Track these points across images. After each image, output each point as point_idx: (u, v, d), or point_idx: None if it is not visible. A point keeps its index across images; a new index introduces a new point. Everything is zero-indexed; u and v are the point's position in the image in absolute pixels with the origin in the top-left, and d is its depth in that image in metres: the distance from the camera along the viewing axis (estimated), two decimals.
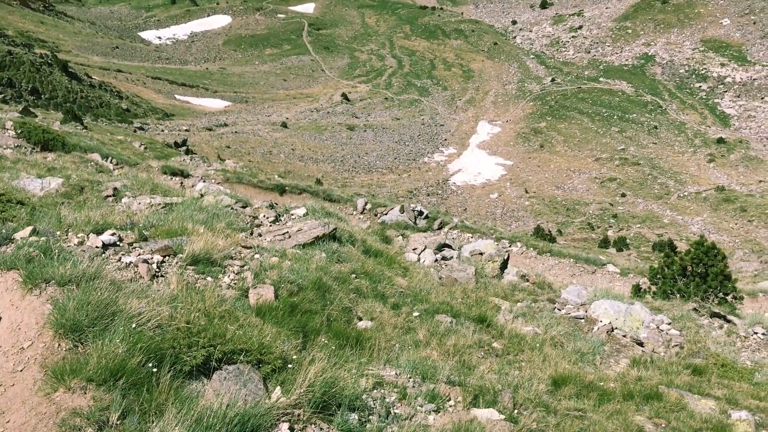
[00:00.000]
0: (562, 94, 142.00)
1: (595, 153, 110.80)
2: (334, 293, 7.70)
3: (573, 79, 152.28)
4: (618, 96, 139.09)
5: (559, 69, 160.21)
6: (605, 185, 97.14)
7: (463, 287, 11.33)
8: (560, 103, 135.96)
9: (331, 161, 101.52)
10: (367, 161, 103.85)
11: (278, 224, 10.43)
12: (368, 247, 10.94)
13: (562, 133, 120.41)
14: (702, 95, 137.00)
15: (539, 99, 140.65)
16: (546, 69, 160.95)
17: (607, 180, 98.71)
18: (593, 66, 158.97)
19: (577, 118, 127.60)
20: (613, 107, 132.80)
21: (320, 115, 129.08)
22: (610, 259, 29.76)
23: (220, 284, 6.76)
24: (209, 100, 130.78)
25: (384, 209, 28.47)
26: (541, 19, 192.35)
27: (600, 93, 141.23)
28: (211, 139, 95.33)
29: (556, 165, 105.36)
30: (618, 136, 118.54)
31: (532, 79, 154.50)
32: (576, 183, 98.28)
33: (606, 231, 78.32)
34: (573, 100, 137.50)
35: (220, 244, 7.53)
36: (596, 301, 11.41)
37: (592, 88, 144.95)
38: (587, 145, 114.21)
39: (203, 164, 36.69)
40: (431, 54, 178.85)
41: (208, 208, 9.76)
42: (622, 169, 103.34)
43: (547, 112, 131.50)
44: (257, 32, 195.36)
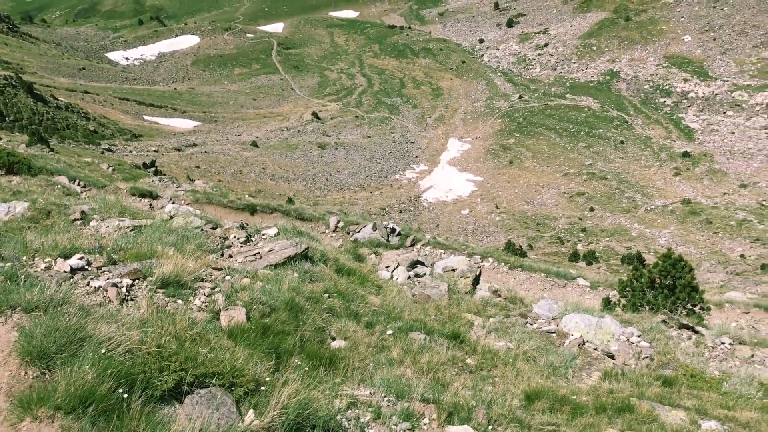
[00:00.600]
0: (529, 110, 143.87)
1: (563, 168, 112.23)
2: (307, 313, 7.67)
3: (540, 96, 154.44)
4: (584, 112, 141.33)
5: (526, 86, 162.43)
6: (574, 200, 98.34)
7: (436, 304, 11.35)
8: (528, 120, 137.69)
9: (303, 180, 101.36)
10: (339, 179, 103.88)
11: (249, 245, 10.38)
12: (341, 266, 10.92)
13: (531, 149, 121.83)
14: (666, 110, 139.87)
15: (507, 116, 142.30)
16: (513, 86, 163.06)
17: (575, 194, 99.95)
18: (560, 83, 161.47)
19: (544, 134, 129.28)
20: (580, 123, 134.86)
21: (291, 134, 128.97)
22: (580, 272, 30.04)
23: (191, 307, 6.69)
24: (178, 121, 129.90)
25: (356, 227, 28.44)
26: (508, 38, 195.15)
27: (567, 109, 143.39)
28: (180, 159, 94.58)
29: (525, 180, 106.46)
30: (585, 151, 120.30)
31: (500, 97, 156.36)
32: (545, 198, 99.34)
33: (575, 245, 79.17)
34: (540, 117, 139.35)
35: (191, 266, 7.46)
36: (567, 315, 11.51)
37: (559, 104, 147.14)
38: (555, 161, 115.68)
39: (172, 185, 36.35)
40: (400, 72, 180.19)
41: (177, 230, 9.68)
42: (590, 183, 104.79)
43: (515, 129, 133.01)
44: (226, 52, 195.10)
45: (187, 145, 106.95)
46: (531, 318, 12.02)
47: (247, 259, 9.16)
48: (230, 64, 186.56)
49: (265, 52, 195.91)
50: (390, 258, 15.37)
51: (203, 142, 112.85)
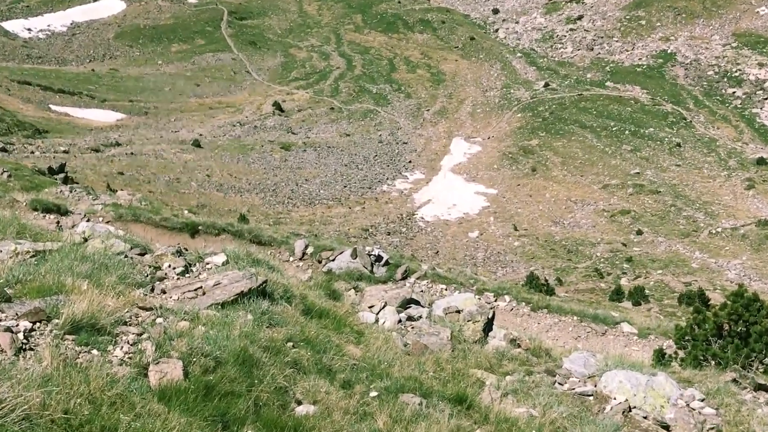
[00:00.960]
0: (558, 103, 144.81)
1: (602, 178, 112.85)
2: (265, 369, 7.62)
3: (572, 83, 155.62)
4: (630, 105, 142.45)
5: (554, 71, 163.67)
6: (616, 220, 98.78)
7: (435, 357, 11.32)
8: (556, 115, 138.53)
9: (260, 191, 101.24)
10: (308, 190, 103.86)
11: (188, 277, 10.32)
12: (310, 306, 10.88)
13: (560, 152, 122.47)
14: (736, 104, 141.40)
15: (530, 109, 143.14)
16: (537, 71, 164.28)
17: (618, 213, 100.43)
18: (598, 67, 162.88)
19: (578, 133, 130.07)
20: (624, 120, 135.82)
21: (245, 131, 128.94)
22: (624, 315, 30.10)
23: (110, 359, 6.63)
24: (96, 112, 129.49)
25: (330, 254, 28.38)
26: (530, 7, 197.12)
27: (607, 101, 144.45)
28: (98, 163, 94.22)
29: (552, 194, 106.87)
30: (631, 156, 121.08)
31: (520, 84, 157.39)
32: (579, 217, 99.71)
33: (618, 279, 79.38)
34: (573, 111, 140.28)
35: (110, 304, 7.40)
36: (608, 372, 11.50)
37: (597, 95, 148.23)
38: (592, 169, 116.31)
39: (88, 197, 36.17)
40: (390, 51, 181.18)
41: (93, 257, 9.61)
42: (638, 198, 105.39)
43: (539, 126, 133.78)
44: (161, 23, 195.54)
45: (108, 145, 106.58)
46: (560, 376, 12.00)
47: (185, 296, 9.11)
48: (166, 38, 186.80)
49: (212, 23, 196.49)
50: (375, 295, 15.32)
51: (129, 140, 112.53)
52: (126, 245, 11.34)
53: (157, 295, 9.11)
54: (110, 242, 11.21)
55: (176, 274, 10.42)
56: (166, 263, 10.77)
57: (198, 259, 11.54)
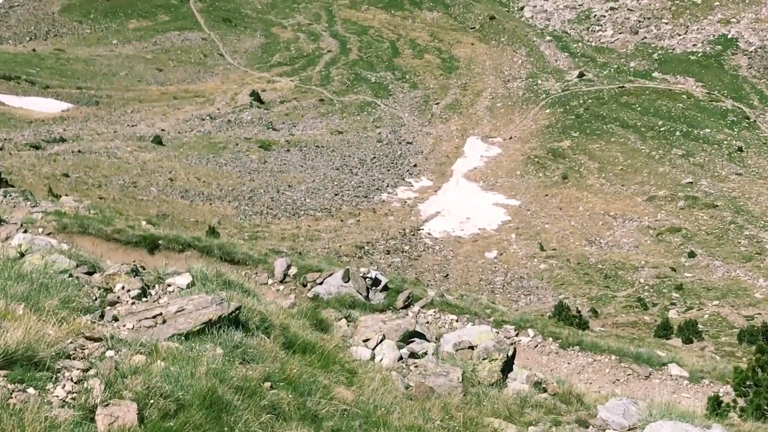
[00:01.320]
0: (595, 97, 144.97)
1: (647, 189, 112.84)
2: (237, 414, 7.61)
3: (612, 74, 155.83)
4: (682, 101, 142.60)
5: (590, 58, 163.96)
6: (664, 239, 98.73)
7: (443, 402, 11.31)
8: (593, 112, 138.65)
9: (234, 198, 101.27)
10: (291, 199, 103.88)
11: (146, 301, 10.33)
12: (292, 338, 10.88)
13: (597, 157, 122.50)
14: None
15: (560, 104, 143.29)
16: (571, 58, 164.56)
17: (666, 231, 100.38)
18: (643, 54, 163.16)
19: (618, 134, 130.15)
20: (674, 118, 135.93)
21: (216, 126, 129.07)
22: (673, 355, 30.07)
23: (50, 400, 6.62)
24: (37, 101, 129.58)
25: (318, 276, 28.38)
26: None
27: (654, 96, 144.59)
28: (38, 162, 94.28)
29: (587, 207, 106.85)
30: (682, 162, 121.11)
31: (549, 74, 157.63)
32: (618, 235, 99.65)
33: (666, 311, 79.30)
34: (613, 107, 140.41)
35: (51, 334, 7.40)
36: (653, 424, 11.49)
37: (642, 88, 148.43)
38: (635, 177, 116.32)
39: (25, 203, 36.17)
40: (393, 33, 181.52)
41: (31, 275, 9.61)
42: (690, 213, 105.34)
43: (572, 125, 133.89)
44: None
45: (51, 140, 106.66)
46: (595, 427, 12.00)
47: (141, 324, 9.11)
48: (122, 12, 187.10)
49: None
50: (371, 327, 15.33)
51: (76, 135, 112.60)
52: (71, 262, 11.34)
53: (107, 323, 9.11)
54: (52, 258, 11.22)
55: (131, 297, 10.42)
56: (119, 284, 10.77)
57: (158, 279, 11.55)
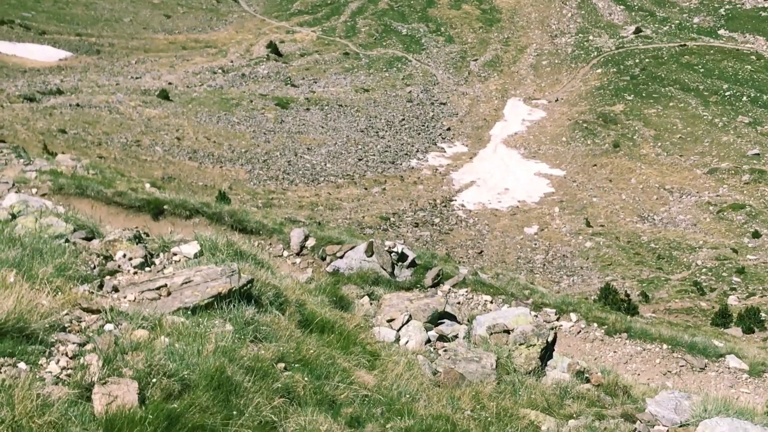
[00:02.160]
0: (653, 56, 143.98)
1: (708, 160, 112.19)
2: (247, 396, 7.64)
3: (673, 30, 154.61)
4: (751, 62, 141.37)
5: (649, 12, 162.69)
6: (725, 217, 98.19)
7: (474, 390, 11.32)
8: (650, 72, 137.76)
9: (247, 161, 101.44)
10: (311, 163, 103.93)
11: (149, 271, 10.37)
12: (309, 316, 10.90)
13: (653, 123, 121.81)
14: None
15: (614, 63, 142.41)
16: (627, 12, 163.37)
17: (728, 208, 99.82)
18: (709, 9, 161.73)
19: (678, 98, 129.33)
20: (741, 82, 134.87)
21: (229, 80, 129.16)
22: (731, 346, 29.97)
23: (43, 376, 6.67)
24: (32, 48, 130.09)
25: (338, 249, 28.44)
26: None
27: (719, 56, 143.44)
28: (33, 116, 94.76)
29: (640, 179, 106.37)
30: (749, 131, 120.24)
31: (602, 29, 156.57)
32: (675, 211, 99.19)
33: (725, 297, 78.97)
34: (672, 68, 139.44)
35: (45, 304, 7.44)
36: (707, 421, 11.47)
37: (706, 47, 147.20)
38: (695, 147, 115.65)
39: (18, 161, 36.39)
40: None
41: (24, 240, 9.67)
42: (756, 188, 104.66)
43: (626, 87, 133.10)
44: None
45: (47, 92, 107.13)
46: (643, 423, 11.99)
47: (144, 296, 9.15)
48: None
49: None
50: (397, 306, 15.35)
51: (75, 87, 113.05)
52: (68, 226, 11.40)
53: (106, 294, 9.15)
54: (46, 221, 11.28)
55: (133, 266, 10.47)
56: (120, 252, 10.82)
57: (163, 247, 11.59)
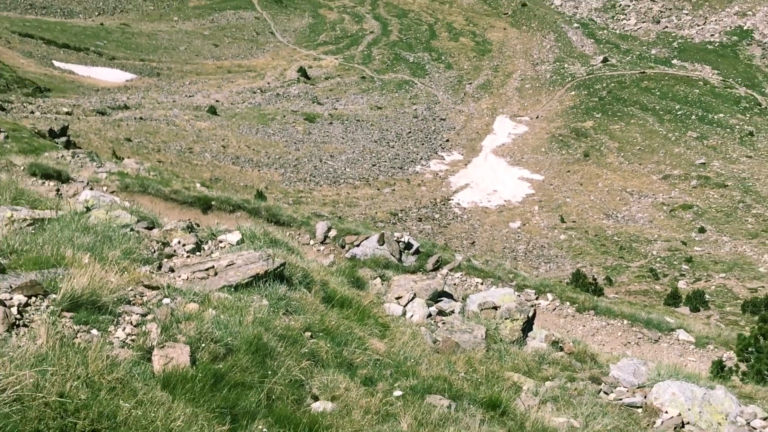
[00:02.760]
0: (618, 81, 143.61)
1: (662, 168, 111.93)
2: (279, 359, 7.66)
3: (634, 60, 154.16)
4: (698, 87, 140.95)
5: (614, 45, 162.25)
6: (676, 215, 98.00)
7: (467, 356, 11.33)
8: (615, 95, 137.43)
9: (280, 166, 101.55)
10: (333, 168, 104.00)
11: (200, 255, 10.39)
12: (331, 293, 10.92)
13: (617, 137, 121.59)
14: None
15: (585, 87, 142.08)
16: (596, 44, 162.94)
17: (679, 207, 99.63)
18: (664, 42, 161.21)
19: (638, 116, 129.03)
20: (690, 103, 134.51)
21: (266, 99, 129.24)
22: (681, 322, 29.94)
23: (111, 341, 6.69)
24: (103, 71, 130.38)
25: (355, 239, 28.46)
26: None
27: (673, 82, 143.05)
28: (104, 127, 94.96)
29: (606, 183, 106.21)
30: (697, 144, 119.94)
31: (576, 58, 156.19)
32: (634, 210, 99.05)
33: (676, 281, 78.81)
34: (633, 91, 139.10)
35: (113, 281, 7.46)
36: (660, 383, 11.45)
37: (662, 74, 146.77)
38: (652, 157, 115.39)
39: (91, 164, 36.45)
40: (431, 16, 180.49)
41: (96, 228, 9.69)
42: (702, 192, 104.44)
43: (595, 107, 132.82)
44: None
45: (116, 108, 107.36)
46: (607, 384, 11.98)
47: (195, 276, 9.17)
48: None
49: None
50: (403, 286, 15.36)
51: (138, 103, 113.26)
52: (132, 217, 11.43)
53: (164, 274, 9.18)
54: (115, 213, 11.30)
55: (186, 251, 10.49)
56: (176, 239, 10.85)
57: (210, 236, 11.62)
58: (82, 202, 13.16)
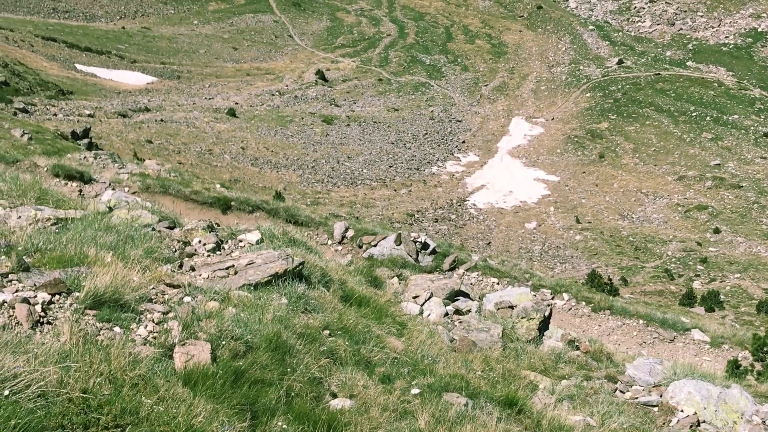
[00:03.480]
0: (633, 83, 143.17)
1: (677, 169, 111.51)
2: (298, 357, 7.68)
3: (649, 62, 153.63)
4: (713, 88, 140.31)
5: (629, 47, 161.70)
6: (691, 216, 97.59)
7: (484, 355, 11.32)
8: (630, 96, 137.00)
9: (298, 167, 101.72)
10: (350, 169, 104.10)
11: (220, 254, 10.42)
12: (349, 292, 10.93)
13: (632, 138, 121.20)
14: None
15: (600, 89, 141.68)
16: (611, 46, 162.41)
17: (694, 208, 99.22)
18: (679, 44, 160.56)
19: (653, 117, 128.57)
20: (705, 104, 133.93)
21: (285, 101, 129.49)
22: (696, 322, 29.84)
23: (134, 338, 6.72)
24: (125, 74, 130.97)
25: (372, 239, 28.49)
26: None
27: (687, 83, 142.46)
28: (125, 129, 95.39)
29: (621, 184, 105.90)
30: (711, 145, 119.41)
31: (591, 60, 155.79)
32: (649, 211, 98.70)
33: (691, 282, 78.52)
34: (648, 92, 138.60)
35: (135, 280, 7.50)
36: (676, 382, 11.41)
37: (677, 75, 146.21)
38: (667, 158, 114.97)
39: (113, 165, 36.66)
40: (447, 19, 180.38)
41: (119, 228, 9.74)
42: (717, 193, 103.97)
43: (610, 108, 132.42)
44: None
45: (137, 110, 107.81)
46: (623, 383, 11.94)
47: (215, 275, 9.19)
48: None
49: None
50: (420, 285, 15.38)
51: (159, 106, 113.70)
52: (154, 217, 11.48)
53: (185, 272, 9.21)
54: (137, 213, 11.35)
55: (207, 250, 10.53)
56: (196, 239, 10.89)
57: (230, 235, 11.65)
58: (105, 202, 13.23)
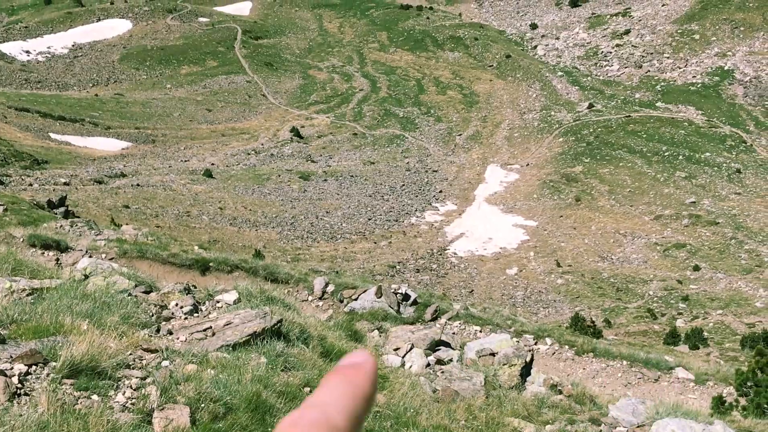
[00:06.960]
0: (604, 125, 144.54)
1: (654, 208, 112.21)
2: (279, 415, 7.66)
3: (619, 104, 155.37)
4: (684, 128, 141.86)
5: (599, 91, 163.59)
6: (670, 254, 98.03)
7: (467, 403, 11.30)
8: (602, 139, 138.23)
9: (277, 224, 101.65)
10: (329, 223, 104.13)
11: (197, 316, 10.42)
12: (329, 347, 10.93)
13: (606, 180, 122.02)
14: None
15: (572, 133, 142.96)
16: (581, 91, 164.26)
17: (672, 247, 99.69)
18: (647, 86, 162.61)
19: (626, 159, 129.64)
20: (677, 144, 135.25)
21: (261, 159, 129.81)
22: (680, 360, 29.88)
23: (112, 405, 6.70)
24: (99, 140, 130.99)
25: (353, 292, 28.44)
26: (572, 22, 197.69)
27: (658, 124, 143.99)
28: (101, 195, 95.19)
29: (599, 226, 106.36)
30: (686, 184, 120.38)
31: (562, 106, 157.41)
32: (629, 251, 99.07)
33: (674, 320, 78.66)
34: (620, 134, 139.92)
35: (112, 346, 7.49)
36: (659, 421, 11.42)
37: (647, 116, 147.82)
38: (643, 198, 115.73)
39: (90, 232, 36.55)
40: (418, 72, 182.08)
41: (95, 295, 9.73)
42: (694, 230, 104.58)
43: (583, 152, 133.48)
44: (169, 43, 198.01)
45: (112, 176, 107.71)
46: (606, 425, 11.95)
47: (193, 337, 9.19)
48: (175, 60, 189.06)
49: (225, 43, 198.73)
50: (401, 337, 15.39)
51: (135, 170, 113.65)
52: (130, 282, 11.48)
53: (162, 336, 9.20)
54: (113, 279, 11.36)
55: (184, 313, 10.53)
56: (174, 302, 10.89)
57: (208, 297, 11.67)
58: (81, 269, 13.21)
